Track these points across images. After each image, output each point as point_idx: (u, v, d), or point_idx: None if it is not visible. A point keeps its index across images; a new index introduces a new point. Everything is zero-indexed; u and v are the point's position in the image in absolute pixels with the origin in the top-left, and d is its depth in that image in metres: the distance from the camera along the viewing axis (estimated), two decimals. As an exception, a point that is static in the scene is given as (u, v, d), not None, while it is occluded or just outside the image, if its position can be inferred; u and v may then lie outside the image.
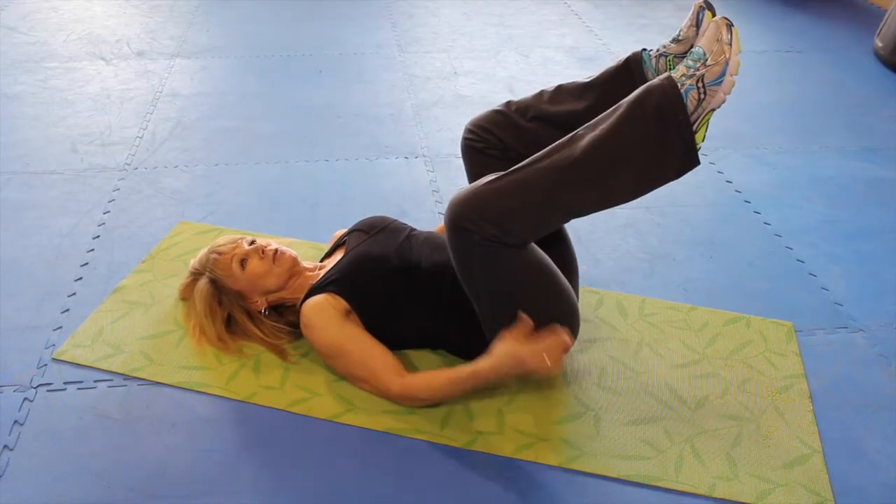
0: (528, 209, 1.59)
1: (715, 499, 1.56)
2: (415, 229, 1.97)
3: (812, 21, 4.50)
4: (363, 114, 3.24)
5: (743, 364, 1.90)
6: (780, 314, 2.08)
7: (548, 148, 1.61)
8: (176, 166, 2.79)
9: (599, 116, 1.61)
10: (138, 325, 1.97)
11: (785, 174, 2.83)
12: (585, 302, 2.08)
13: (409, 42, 4.05)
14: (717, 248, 2.39)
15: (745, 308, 2.10)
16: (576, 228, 2.41)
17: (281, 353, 1.86)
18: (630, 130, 1.55)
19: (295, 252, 1.93)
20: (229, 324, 1.89)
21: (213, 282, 1.87)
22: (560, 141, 1.61)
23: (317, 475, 1.59)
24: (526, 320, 1.58)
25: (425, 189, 2.66)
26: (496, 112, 1.87)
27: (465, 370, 1.66)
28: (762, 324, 2.04)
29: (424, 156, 2.90)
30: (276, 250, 1.88)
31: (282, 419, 1.71)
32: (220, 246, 1.90)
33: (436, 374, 1.71)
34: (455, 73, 3.68)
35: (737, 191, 2.71)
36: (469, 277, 1.67)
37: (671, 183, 1.62)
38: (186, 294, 1.95)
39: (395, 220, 2.00)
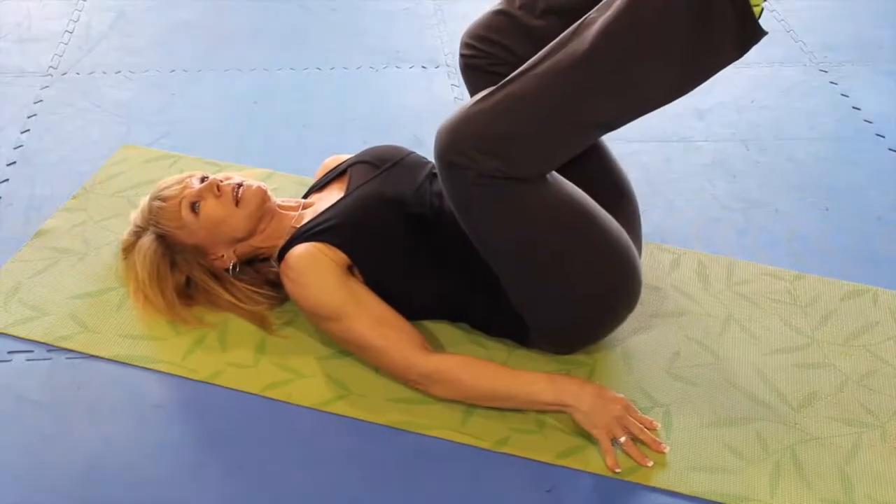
0: (532, 130, 1.57)
1: (822, 527, 1.56)
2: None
3: None
4: (368, 7, 3.23)
5: (866, 352, 1.89)
6: (918, 287, 2.07)
7: (550, 45, 1.58)
8: (118, 72, 2.79)
9: None
10: (67, 280, 1.99)
11: (932, 100, 2.80)
12: (655, 262, 2.08)
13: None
14: (837, 196, 2.37)
15: (872, 278, 2.09)
16: (645, 165, 2.40)
17: (262, 322, 1.87)
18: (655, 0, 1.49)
19: (264, 184, 1.91)
20: (188, 288, 1.89)
21: (161, 237, 1.86)
22: (564, 33, 1.57)
23: (298, 478, 1.60)
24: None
25: (448, 109, 2.62)
26: (497, 14, 1.85)
27: (521, 374, 1.69)
28: (894, 300, 2.03)
29: (448, 65, 2.90)
30: (239, 184, 1.87)
31: (255, 406, 1.73)
32: (163, 190, 1.88)
33: (478, 359, 1.73)
34: (491, -46, 3.64)
35: (866, 120, 2.68)
36: (473, 229, 1.68)
37: (769, 104, 1.58)
38: (129, 255, 1.94)
39: (413, 153, 1.99)
